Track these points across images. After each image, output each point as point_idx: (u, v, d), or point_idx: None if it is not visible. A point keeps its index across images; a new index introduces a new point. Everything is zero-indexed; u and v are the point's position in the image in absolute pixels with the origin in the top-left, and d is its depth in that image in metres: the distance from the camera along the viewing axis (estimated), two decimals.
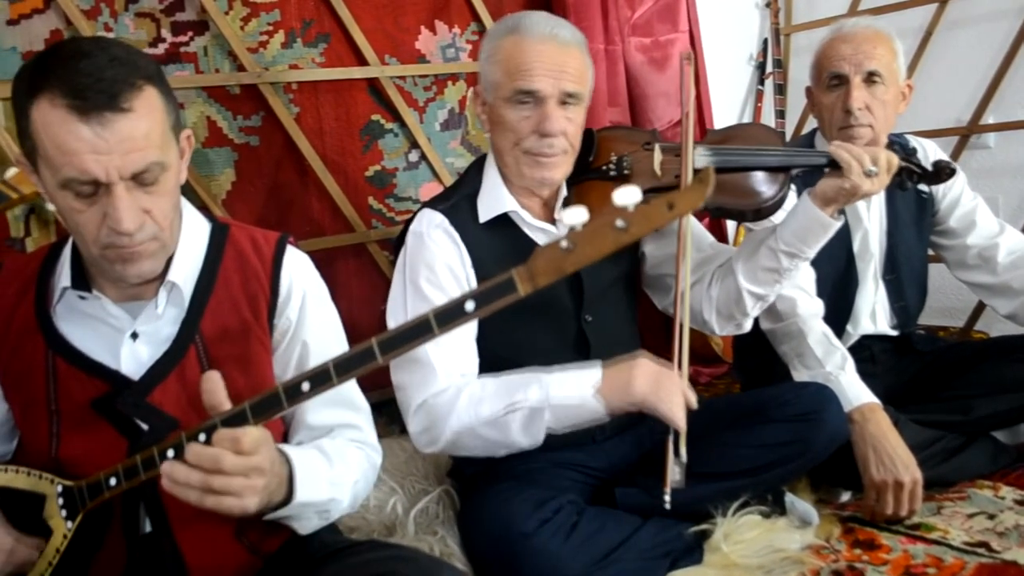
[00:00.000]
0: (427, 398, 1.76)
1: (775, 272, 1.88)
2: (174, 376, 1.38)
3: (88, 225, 1.27)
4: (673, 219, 1.00)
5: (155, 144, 1.26)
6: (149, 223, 1.29)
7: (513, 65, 1.79)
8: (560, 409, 1.69)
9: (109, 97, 1.20)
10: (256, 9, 2.46)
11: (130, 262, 1.31)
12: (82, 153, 1.20)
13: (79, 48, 1.24)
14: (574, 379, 1.70)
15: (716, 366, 3.23)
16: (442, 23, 2.79)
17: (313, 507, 1.36)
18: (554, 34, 1.79)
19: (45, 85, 1.21)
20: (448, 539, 1.88)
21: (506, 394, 1.71)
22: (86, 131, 1.20)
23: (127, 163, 1.23)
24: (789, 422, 1.83)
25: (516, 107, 1.80)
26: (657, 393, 1.66)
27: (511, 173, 1.87)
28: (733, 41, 3.74)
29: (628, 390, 1.67)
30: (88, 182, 1.22)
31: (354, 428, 1.52)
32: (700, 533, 1.81)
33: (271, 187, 2.51)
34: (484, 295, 1.08)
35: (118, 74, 1.22)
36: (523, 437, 1.72)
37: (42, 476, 1.36)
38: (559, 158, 1.82)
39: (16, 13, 2.14)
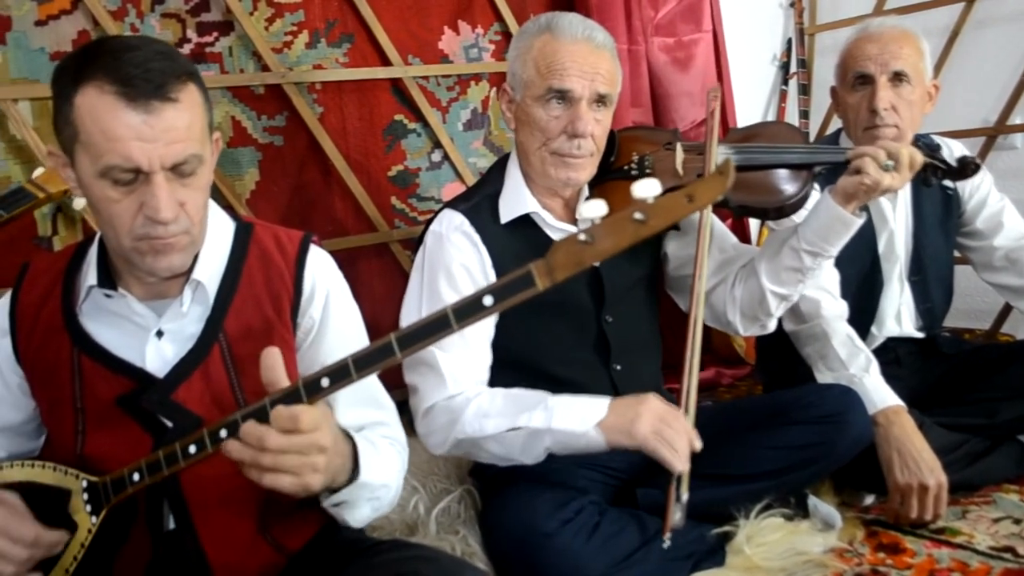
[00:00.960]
0: (436, 402, 1.77)
1: (798, 271, 1.87)
2: (198, 374, 1.39)
3: (123, 215, 1.27)
4: (693, 211, 0.99)
5: (196, 137, 1.28)
6: (183, 216, 1.30)
7: (546, 64, 1.79)
8: (561, 435, 1.69)
9: (157, 87, 1.22)
10: (280, 10, 2.47)
11: (162, 254, 1.31)
12: (128, 140, 1.21)
13: (125, 42, 1.26)
14: (579, 409, 1.70)
15: (738, 367, 3.20)
16: (465, 23, 2.80)
17: (369, 490, 1.35)
18: (588, 36, 1.79)
19: (93, 73, 1.22)
20: (470, 539, 1.88)
21: (512, 413, 1.71)
22: (133, 118, 1.21)
23: (169, 153, 1.24)
24: (812, 424, 1.82)
25: (547, 106, 1.80)
26: (660, 435, 1.65)
27: (536, 173, 1.87)
28: (757, 41, 3.72)
29: (630, 430, 1.66)
30: (130, 169, 1.23)
31: (383, 425, 1.52)
32: (722, 535, 1.80)
33: (295, 187, 2.52)
34: (502, 289, 1.08)
35: (165, 66, 1.24)
36: (523, 456, 1.73)
37: (67, 471, 1.37)
38: (586, 160, 1.82)
39: (44, 14, 2.17)
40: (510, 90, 1.89)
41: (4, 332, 1.47)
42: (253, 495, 1.40)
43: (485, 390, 1.79)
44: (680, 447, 1.64)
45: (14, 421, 1.53)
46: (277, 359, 1.18)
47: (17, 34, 2.14)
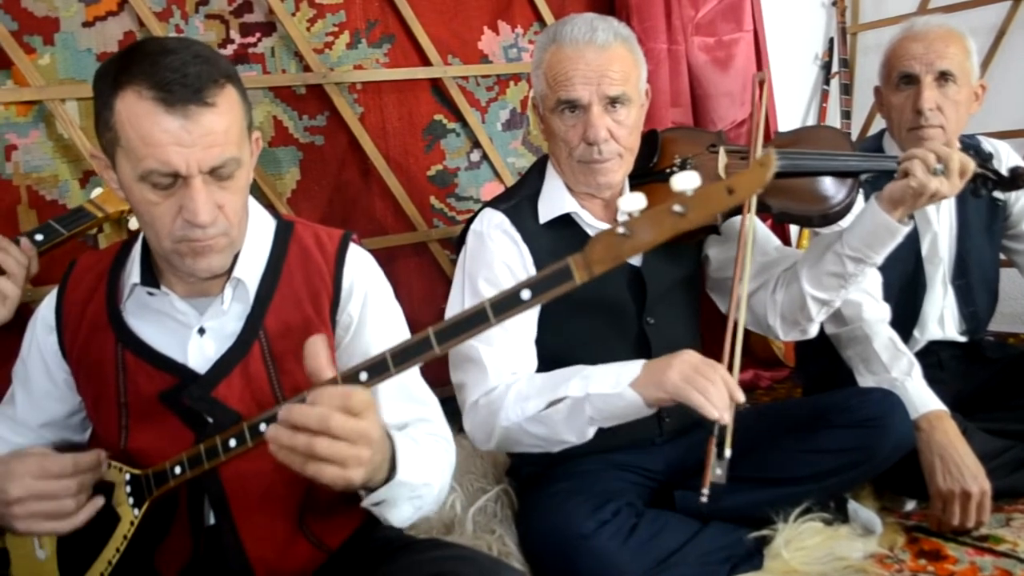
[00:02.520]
0: (479, 397, 1.77)
1: (840, 277, 1.85)
2: (238, 371, 1.40)
3: (163, 218, 1.29)
4: (732, 204, 0.97)
5: (233, 140, 1.28)
6: (221, 218, 1.31)
7: (553, 76, 1.79)
8: (600, 400, 1.65)
9: (194, 92, 1.23)
10: (322, 10, 2.49)
11: (201, 255, 1.33)
12: (166, 144, 1.23)
13: (164, 45, 1.27)
14: (614, 372, 1.68)
15: (777, 370, 3.18)
16: (505, 23, 2.80)
17: (409, 489, 1.32)
18: (591, 39, 1.76)
19: (132, 78, 1.23)
20: (506, 538, 1.88)
21: (550, 389, 1.70)
22: (171, 123, 1.22)
23: (207, 157, 1.25)
24: (853, 428, 1.80)
25: (562, 117, 1.80)
26: (691, 382, 1.58)
27: (570, 180, 1.87)
28: (798, 40, 3.68)
29: (662, 380, 1.60)
30: (168, 174, 1.25)
31: (427, 422, 1.52)
32: (761, 539, 1.79)
33: (335, 186, 2.54)
34: (540, 283, 1.07)
35: (202, 70, 1.25)
36: (568, 432, 1.69)
37: (111, 464, 1.40)
38: (613, 162, 1.81)
39: (91, 15, 2.20)
40: (537, 103, 1.90)
41: (51, 328, 1.51)
42: (293, 492, 1.42)
43: (523, 377, 1.78)
44: (716, 396, 1.56)
45: (60, 415, 1.56)
46: (320, 348, 1.17)
47: (65, 35, 2.17)
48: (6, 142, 2.11)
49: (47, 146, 2.16)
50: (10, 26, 2.10)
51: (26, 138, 2.14)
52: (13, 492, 1.28)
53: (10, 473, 1.30)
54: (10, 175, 2.12)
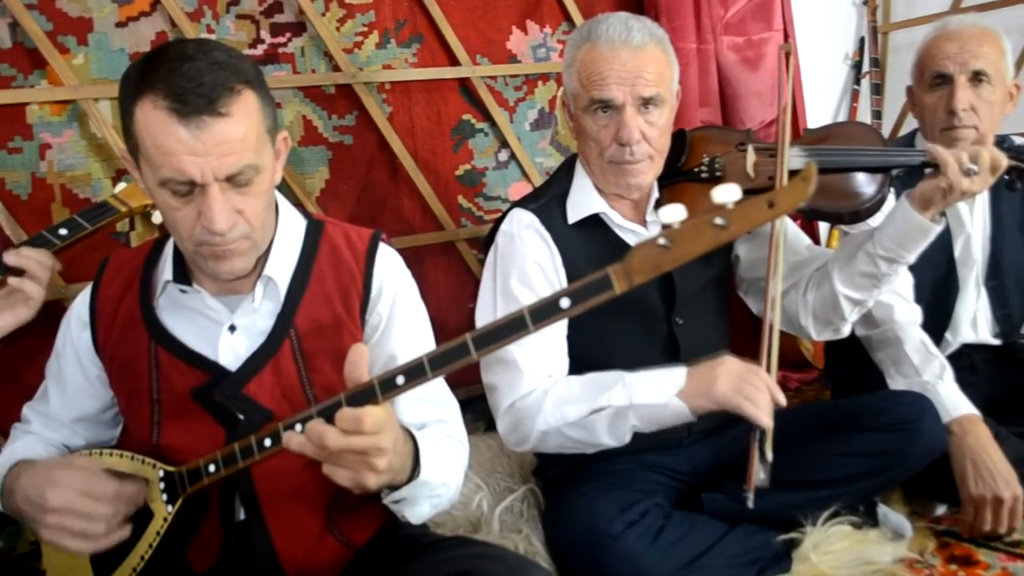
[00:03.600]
0: (515, 400, 1.77)
1: (873, 277, 1.84)
2: (269, 368, 1.42)
3: (184, 222, 1.31)
4: (773, 218, 0.97)
5: (250, 147, 1.28)
6: (241, 223, 1.32)
7: (586, 75, 1.78)
8: (644, 409, 1.67)
9: (208, 101, 1.23)
10: (352, 10, 2.51)
11: (222, 259, 1.34)
12: (180, 154, 1.24)
13: (183, 51, 1.27)
14: (658, 381, 1.68)
15: (806, 372, 3.16)
16: (533, 23, 2.80)
17: (429, 488, 1.35)
18: (627, 39, 1.76)
19: (149, 87, 1.24)
20: (533, 538, 1.88)
21: (591, 396, 1.71)
22: (184, 133, 1.23)
23: (222, 165, 1.26)
24: (884, 431, 1.78)
25: (594, 116, 1.79)
26: (740, 392, 1.62)
27: (599, 181, 1.87)
28: (829, 39, 3.65)
29: (710, 391, 1.63)
30: (184, 182, 1.26)
31: (445, 423, 1.53)
32: (789, 542, 1.78)
33: (363, 185, 2.55)
34: (579, 292, 1.08)
35: (218, 78, 1.25)
36: (609, 437, 1.72)
37: (144, 461, 1.41)
38: (644, 164, 1.80)
39: (124, 16, 2.23)
40: (567, 102, 1.89)
41: (84, 325, 1.53)
42: (321, 490, 1.43)
43: (560, 379, 1.79)
44: (763, 403, 1.61)
45: (93, 410, 1.58)
46: (363, 356, 1.19)
47: (98, 35, 2.20)
48: (41, 141, 2.14)
49: (80, 145, 2.19)
50: (45, 26, 2.12)
51: (60, 137, 2.16)
52: (51, 501, 1.29)
53: (54, 481, 1.31)
54: (44, 173, 2.15)
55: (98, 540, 1.31)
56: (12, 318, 1.61)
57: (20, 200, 2.11)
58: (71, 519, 1.29)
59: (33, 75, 2.13)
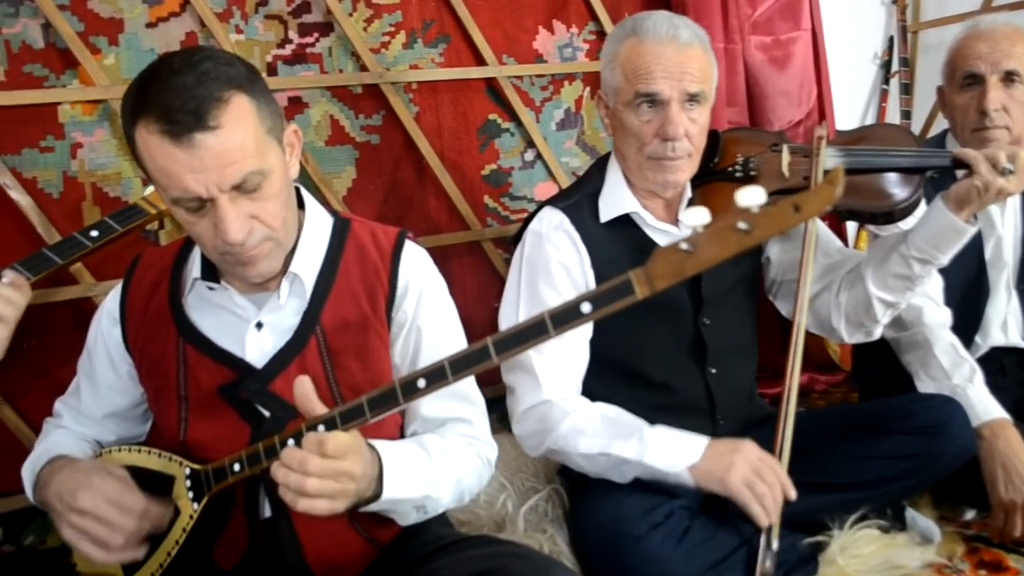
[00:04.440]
0: (532, 406, 1.78)
1: (906, 279, 1.82)
2: (295, 365, 1.42)
3: (204, 235, 1.32)
4: (799, 222, 0.96)
5: (250, 154, 1.27)
6: (258, 227, 1.32)
7: (632, 69, 1.77)
8: (651, 470, 1.68)
9: (196, 118, 1.22)
10: (379, 10, 2.52)
11: (248, 265, 1.35)
12: (181, 174, 1.24)
13: (171, 67, 1.25)
14: (673, 449, 1.68)
15: (833, 374, 3.13)
16: (560, 23, 2.80)
17: (407, 502, 1.38)
18: (674, 35, 1.76)
19: (142, 110, 1.24)
20: (557, 538, 1.88)
21: (607, 438, 1.71)
22: (180, 154, 1.23)
23: (224, 177, 1.25)
24: (913, 435, 1.77)
25: (638, 111, 1.78)
26: (752, 487, 1.61)
27: (634, 177, 1.86)
28: (857, 39, 3.62)
29: (724, 478, 1.62)
30: (193, 199, 1.27)
31: (466, 423, 1.54)
32: (815, 545, 1.77)
33: (390, 185, 2.56)
34: (601, 297, 1.08)
35: (205, 90, 1.23)
36: (610, 475, 1.74)
37: (171, 458, 1.43)
38: (683, 161, 1.80)
39: (155, 16, 2.25)
40: (604, 96, 1.88)
41: (115, 321, 1.54)
42: None
43: (583, 405, 1.78)
44: (770, 502, 1.61)
45: (123, 406, 1.60)
46: (308, 388, 1.23)
47: (129, 35, 2.22)
48: (72, 140, 2.16)
49: (111, 144, 2.21)
50: (77, 27, 2.15)
51: (91, 136, 2.19)
52: (80, 502, 1.32)
53: (89, 484, 1.34)
54: (75, 172, 2.17)
55: (113, 551, 1.33)
56: None
57: (52, 198, 2.14)
58: (94, 524, 1.32)
59: (65, 75, 2.16)
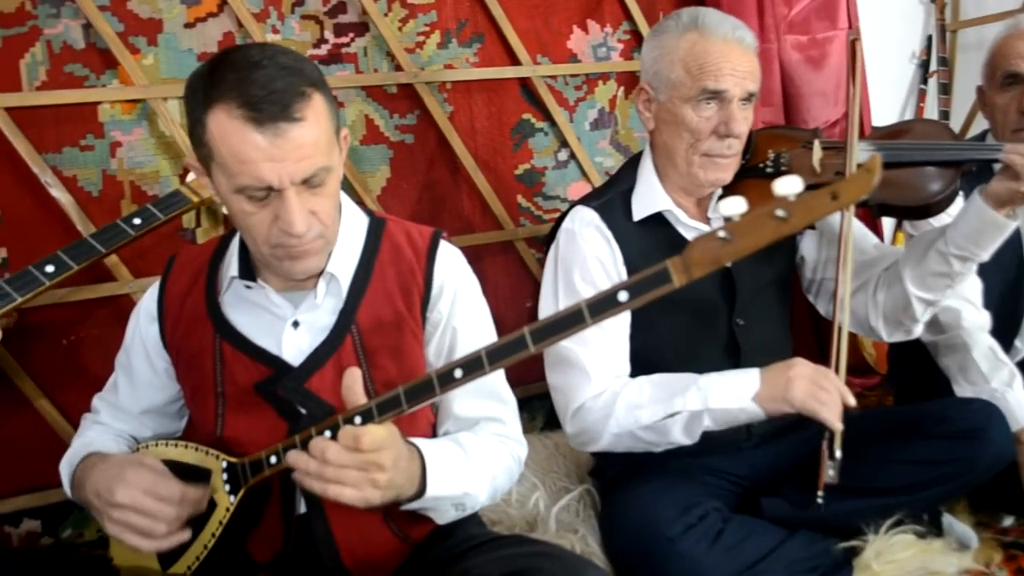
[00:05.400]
0: (584, 401, 1.77)
1: (946, 276, 1.80)
2: (331, 364, 1.43)
3: (259, 227, 1.33)
4: (836, 209, 0.96)
5: (323, 150, 1.30)
6: (316, 223, 1.34)
7: (697, 65, 1.76)
8: (719, 413, 1.68)
9: (282, 107, 1.25)
10: (414, 10, 2.53)
11: (298, 260, 1.36)
12: (258, 161, 1.25)
13: (248, 58, 1.28)
14: (732, 385, 1.69)
15: (868, 377, 3.10)
16: (594, 22, 2.79)
17: (448, 500, 1.39)
18: (740, 37, 1.77)
19: (220, 96, 1.26)
20: (589, 538, 1.88)
21: (665, 400, 1.71)
22: (262, 140, 1.25)
23: (299, 169, 1.27)
24: (950, 439, 1.75)
25: (698, 107, 1.77)
26: (816, 397, 1.63)
27: (680, 174, 1.85)
28: (895, 38, 3.58)
29: (786, 395, 1.64)
30: (262, 188, 1.28)
31: (498, 422, 1.54)
32: (850, 550, 1.75)
33: (424, 184, 2.57)
34: (638, 285, 1.07)
35: (288, 83, 1.26)
36: (683, 437, 1.73)
37: (208, 452, 1.45)
38: (732, 160, 1.81)
39: (193, 17, 2.27)
40: (650, 90, 1.86)
41: (153, 319, 1.56)
42: None
43: (629, 381, 1.79)
44: (834, 406, 1.64)
45: (160, 402, 1.62)
46: (356, 379, 1.25)
47: (168, 35, 2.24)
48: (112, 139, 2.19)
49: (149, 143, 2.24)
50: (116, 27, 2.17)
51: (130, 135, 2.21)
52: (118, 497, 1.34)
53: (123, 478, 1.36)
54: (115, 171, 2.20)
55: (159, 539, 1.35)
56: None
57: (91, 196, 2.17)
58: (135, 516, 1.33)
59: (105, 75, 2.19)
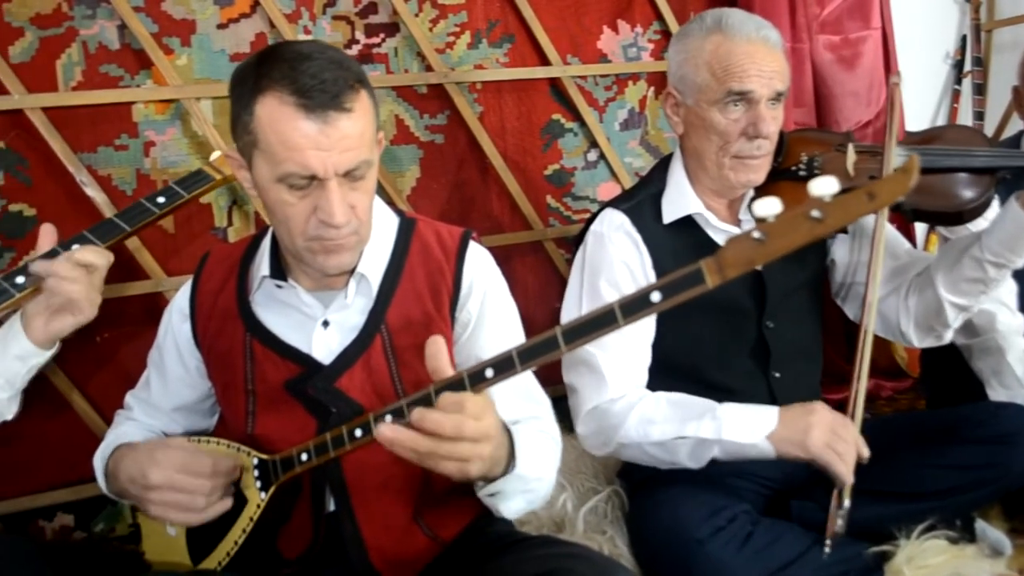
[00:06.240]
0: (598, 404, 1.77)
1: (980, 282, 1.77)
2: (360, 363, 1.44)
3: (297, 218, 1.33)
4: (873, 210, 0.95)
5: (367, 144, 1.33)
6: (353, 218, 1.35)
7: (722, 67, 1.75)
8: (730, 446, 1.67)
9: (333, 97, 1.27)
10: (444, 11, 2.53)
11: (333, 253, 1.37)
12: (305, 149, 1.27)
13: (299, 50, 1.31)
14: (748, 420, 1.67)
15: (900, 380, 3.07)
16: (625, 23, 2.78)
17: (524, 482, 1.34)
18: (765, 36, 1.76)
19: (272, 83, 1.28)
20: (617, 540, 1.87)
21: (679, 422, 1.70)
22: (311, 128, 1.26)
23: (343, 160, 1.29)
24: (984, 444, 1.73)
25: (725, 109, 1.76)
26: (832, 447, 1.62)
27: (711, 177, 1.83)
28: (928, 38, 3.54)
29: (804, 441, 1.63)
30: (306, 176, 1.29)
31: (538, 419, 1.53)
32: (881, 555, 1.73)
33: (454, 184, 2.58)
34: (670, 286, 1.07)
35: (338, 76, 1.28)
36: (689, 462, 1.72)
37: (240, 448, 1.46)
38: (763, 160, 1.79)
39: (226, 17, 2.29)
40: (677, 94, 1.85)
41: (185, 317, 1.58)
42: (410, 484, 1.45)
43: (648, 395, 1.78)
44: (849, 460, 1.62)
45: (191, 400, 1.64)
46: (441, 347, 1.20)
47: (201, 36, 2.26)
48: (146, 139, 2.21)
49: (182, 143, 2.26)
50: (151, 28, 2.20)
51: (163, 135, 2.24)
52: (153, 478, 1.36)
53: (154, 460, 1.38)
54: (148, 170, 2.22)
55: (201, 512, 1.38)
56: (60, 323, 1.47)
57: (125, 195, 2.19)
58: (172, 494, 1.36)
59: (139, 75, 2.21)
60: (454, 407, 1.14)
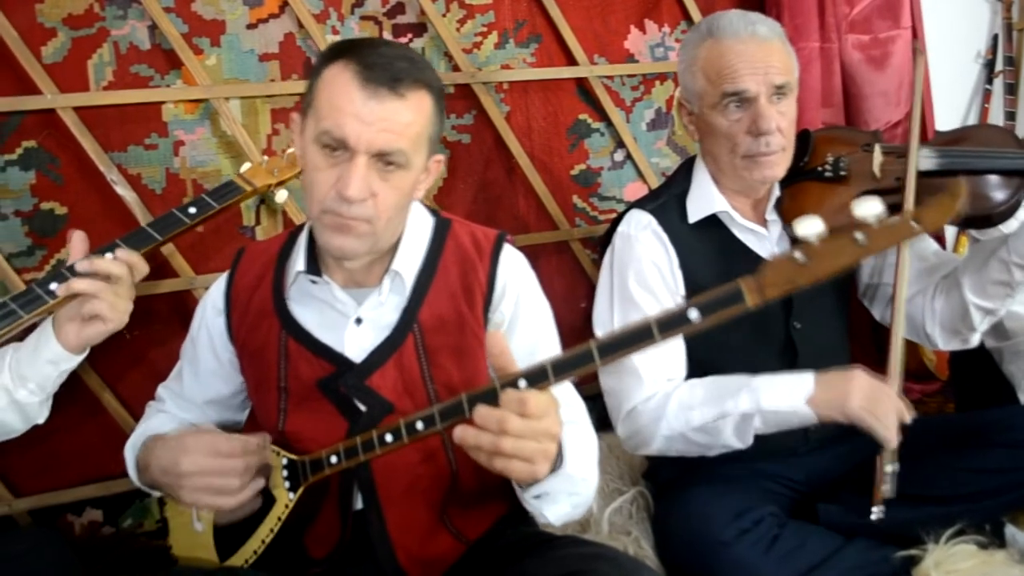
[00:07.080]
0: (636, 404, 1.76)
1: (1007, 286, 1.76)
2: (392, 362, 1.45)
3: (322, 184, 1.35)
4: (918, 235, 0.95)
5: (410, 137, 1.34)
6: (370, 204, 1.35)
7: (715, 70, 1.75)
8: (770, 415, 1.66)
9: (391, 77, 1.31)
10: (472, 11, 2.53)
11: (339, 232, 1.37)
12: (347, 113, 1.31)
13: (383, 40, 1.41)
14: (786, 387, 1.66)
15: (928, 383, 3.04)
16: (652, 22, 2.77)
17: (571, 482, 1.31)
18: (752, 31, 1.75)
19: (344, 54, 1.34)
20: (642, 540, 1.87)
21: (717, 401, 1.69)
22: (359, 97, 1.31)
23: (377, 140, 1.31)
24: (1014, 448, 1.71)
25: (726, 111, 1.76)
26: (873, 410, 1.60)
27: (728, 179, 1.84)
28: (959, 37, 3.50)
29: (843, 404, 1.61)
30: (338, 139, 1.31)
31: (575, 423, 1.51)
32: (908, 559, 1.71)
33: (480, 184, 2.58)
34: (709, 305, 1.07)
35: (406, 67, 1.33)
36: (735, 440, 1.70)
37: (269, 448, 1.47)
38: (777, 155, 1.78)
39: (255, 18, 2.30)
40: (686, 103, 1.86)
41: (219, 311, 1.59)
42: (437, 485, 1.46)
43: (682, 383, 1.78)
44: (892, 423, 1.61)
45: (223, 394, 1.66)
46: (503, 343, 1.20)
47: (230, 37, 2.28)
48: (175, 138, 2.23)
49: (211, 142, 2.27)
50: (181, 28, 2.21)
51: (192, 135, 2.25)
52: (184, 466, 1.37)
53: (184, 447, 1.39)
54: (177, 169, 2.24)
55: (236, 494, 1.38)
56: (92, 330, 1.46)
57: (154, 194, 2.21)
58: (205, 479, 1.37)
59: (169, 75, 2.23)
60: (516, 405, 1.12)
